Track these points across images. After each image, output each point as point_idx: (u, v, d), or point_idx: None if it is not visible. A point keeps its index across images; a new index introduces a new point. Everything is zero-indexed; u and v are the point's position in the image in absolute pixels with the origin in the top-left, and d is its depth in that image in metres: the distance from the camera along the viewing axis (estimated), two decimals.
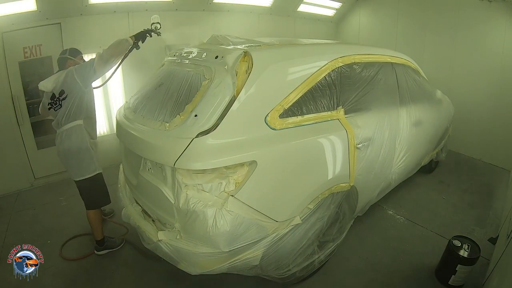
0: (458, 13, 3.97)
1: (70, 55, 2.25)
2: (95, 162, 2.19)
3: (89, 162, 2.15)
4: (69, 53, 2.25)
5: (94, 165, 2.18)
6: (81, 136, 2.12)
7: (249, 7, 4.45)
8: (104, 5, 3.41)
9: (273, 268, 1.75)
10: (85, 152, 2.13)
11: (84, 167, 2.15)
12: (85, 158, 2.14)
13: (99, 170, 2.22)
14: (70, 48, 2.29)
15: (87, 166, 2.15)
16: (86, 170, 2.15)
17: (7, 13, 2.89)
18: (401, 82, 2.50)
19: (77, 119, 2.11)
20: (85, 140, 2.13)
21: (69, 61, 2.23)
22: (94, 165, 2.18)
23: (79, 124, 2.13)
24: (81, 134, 2.13)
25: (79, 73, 2.06)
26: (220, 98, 1.49)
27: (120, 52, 2.15)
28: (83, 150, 2.13)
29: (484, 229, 2.60)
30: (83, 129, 2.15)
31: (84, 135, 2.14)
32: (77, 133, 2.11)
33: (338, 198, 1.93)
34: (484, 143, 3.98)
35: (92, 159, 2.17)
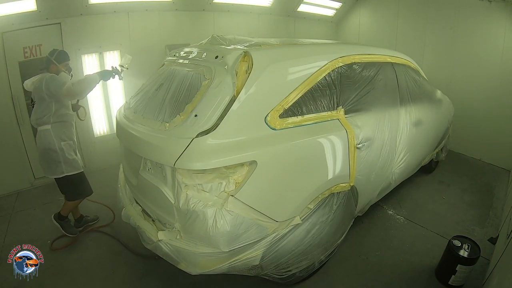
0: (458, 13, 3.97)
1: (56, 59, 2.26)
2: (62, 165, 2.25)
3: (56, 164, 2.24)
4: (55, 57, 2.26)
5: (61, 168, 2.26)
6: (50, 140, 2.21)
7: (249, 7, 4.45)
8: (104, 5, 3.41)
9: (273, 268, 1.75)
10: (53, 154, 2.22)
11: (53, 168, 2.26)
12: (52, 160, 2.24)
13: (68, 171, 2.28)
14: (58, 51, 2.29)
15: (55, 168, 2.25)
16: (54, 171, 2.26)
17: (7, 13, 2.89)
18: (401, 82, 2.50)
19: (45, 124, 2.21)
20: (53, 143, 2.21)
21: (52, 65, 2.26)
22: (62, 167, 2.26)
23: (46, 129, 2.21)
24: (49, 138, 2.21)
25: (48, 85, 2.12)
26: (220, 98, 1.49)
27: (88, 89, 2.22)
28: (51, 152, 2.22)
29: (484, 229, 2.60)
30: (50, 133, 2.22)
31: (52, 139, 2.22)
32: (45, 137, 2.21)
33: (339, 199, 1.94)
34: (484, 143, 3.98)
35: (60, 162, 2.24)
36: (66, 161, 2.28)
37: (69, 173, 2.30)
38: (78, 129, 3.57)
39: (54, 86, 2.12)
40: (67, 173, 2.29)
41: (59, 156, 2.25)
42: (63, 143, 2.28)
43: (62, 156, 2.26)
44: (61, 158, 2.26)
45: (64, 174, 2.28)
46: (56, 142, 2.23)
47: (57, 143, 2.24)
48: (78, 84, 2.15)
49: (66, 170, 2.28)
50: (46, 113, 2.20)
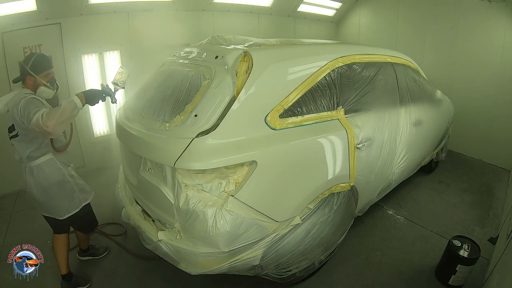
0: (458, 13, 3.97)
1: (32, 68, 1.66)
2: (78, 195, 1.86)
3: (72, 196, 1.83)
4: (31, 66, 1.66)
5: (78, 198, 1.86)
6: (56, 170, 1.76)
7: (249, 7, 4.45)
8: (104, 5, 3.40)
9: (273, 268, 1.75)
10: (65, 186, 1.80)
11: (67, 203, 1.82)
12: (67, 193, 1.81)
13: (85, 200, 1.92)
14: (36, 57, 1.69)
15: (70, 201, 1.83)
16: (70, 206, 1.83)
17: (7, 13, 2.89)
18: (401, 82, 2.50)
19: (44, 154, 1.72)
20: (62, 173, 1.78)
21: (28, 77, 1.68)
22: (79, 198, 1.87)
23: (49, 159, 1.74)
24: (55, 168, 1.76)
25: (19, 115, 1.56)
26: (220, 98, 1.49)
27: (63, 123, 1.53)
28: (62, 185, 1.79)
29: (484, 229, 2.60)
30: (55, 162, 1.76)
31: (59, 168, 1.78)
32: (51, 168, 1.74)
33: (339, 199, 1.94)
34: (484, 143, 3.98)
35: (75, 192, 1.85)
36: (81, 188, 1.89)
37: (87, 201, 1.92)
38: (78, 129, 3.59)
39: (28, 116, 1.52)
40: (85, 202, 1.90)
41: (73, 185, 1.84)
42: (70, 168, 1.87)
43: (75, 183, 1.86)
44: (75, 186, 1.85)
45: (83, 204, 1.89)
46: (65, 169, 1.81)
47: (66, 171, 1.81)
48: (50, 115, 1.47)
49: (83, 198, 1.89)
50: (40, 143, 1.69)
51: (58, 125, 1.48)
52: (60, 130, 1.54)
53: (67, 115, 1.52)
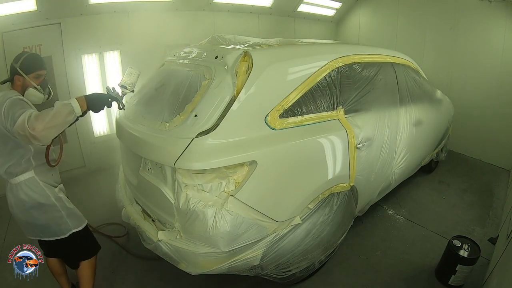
0: (458, 13, 3.97)
1: (22, 68, 1.49)
2: (66, 220, 1.58)
3: (58, 221, 1.57)
4: (21, 64, 1.49)
5: (66, 224, 1.58)
6: (39, 191, 1.50)
7: (249, 7, 4.45)
8: (104, 5, 3.40)
9: (273, 268, 1.75)
10: (49, 209, 1.54)
11: (53, 228, 1.57)
12: (52, 217, 1.55)
13: (76, 227, 1.62)
14: (27, 56, 1.52)
15: (57, 227, 1.57)
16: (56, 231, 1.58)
17: (7, 13, 2.89)
18: (401, 82, 2.50)
19: (25, 171, 1.47)
20: (45, 194, 1.52)
21: (17, 77, 1.49)
22: (66, 223, 1.58)
23: (29, 178, 1.49)
24: (37, 189, 1.50)
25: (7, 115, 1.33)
26: (220, 98, 1.49)
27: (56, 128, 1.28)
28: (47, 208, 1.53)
29: (484, 229, 2.60)
30: (37, 182, 1.50)
31: (42, 189, 1.51)
32: (32, 189, 1.49)
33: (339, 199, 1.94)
34: (484, 143, 3.98)
35: (62, 217, 1.56)
36: (70, 213, 1.60)
37: (77, 228, 1.62)
38: (78, 129, 3.59)
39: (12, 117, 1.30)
40: (74, 228, 1.61)
41: (59, 209, 1.56)
42: (58, 189, 1.60)
43: (62, 207, 1.57)
44: (62, 210, 1.57)
45: (72, 231, 1.60)
46: (49, 191, 1.53)
47: (51, 193, 1.54)
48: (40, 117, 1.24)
49: (72, 224, 1.60)
50: (21, 156, 1.44)
51: (47, 130, 1.23)
52: (50, 136, 1.27)
53: (60, 120, 1.27)
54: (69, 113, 1.31)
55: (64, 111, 1.29)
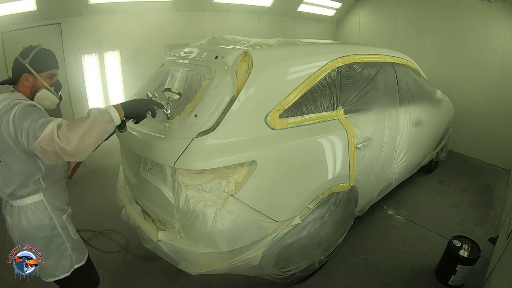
0: (458, 13, 3.97)
1: (33, 65, 1.24)
2: (70, 254, 1.36)
3: (61, 255, 1.34)
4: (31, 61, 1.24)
5: (69, 259, 1.36)
6: (45, 218, 1.28)
7: (249, 7, 4.45)
8: (104, 5, 3.41)
9: (273, 268, 1.74)
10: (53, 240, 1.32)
11: (55, 263, 1.35)
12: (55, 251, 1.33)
13: (79, 262, 1.40)
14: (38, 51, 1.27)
15: (59, 261, 1.35)
16: (58, 267, 1.35)
17: (7, 13, 2.89)
18: (401, 82, 2.50)
19: (32, 194, 1.24)
20: (52, 224, 1.30)
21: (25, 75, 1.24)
22: (70, 259, 1.36)
23: (37, 202, 1.26)
24: (44, 215, 1.27)
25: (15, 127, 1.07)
26: (220, 98, 1.49)
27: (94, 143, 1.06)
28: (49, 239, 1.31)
29: (484, 229, 2.60)
30: (45, 207, 1.28)
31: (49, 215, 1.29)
32: (37, 215, 1.26)
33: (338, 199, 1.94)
34: (484, 143, 3.98)
35: (66, 250, 1.35)
36: (74, 246, 1.39)
37: (80, 263, 1.40)
38: None
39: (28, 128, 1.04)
40: (77, 264, 1.39)
41: (64, 241, 1.34)
42: (65, 216, 1.37)
43: (67, 238, 1.35)
44: (68, 242, 1.35)
45: (75, 266, 1.38)
46: (56, 219, 1.31)
47: (58, 221, 1.32)
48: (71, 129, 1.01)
49: (76, 259, 1.39)
50: (29, 177, 1.20)
51: (84, 143, 1.01)
52: (87, 151, 1.05)
53: (99, 131, 1.05)
54: (108, 121, 1.09)
55: (102, 120, 1.06)
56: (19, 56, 1.26)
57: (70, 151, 1.00)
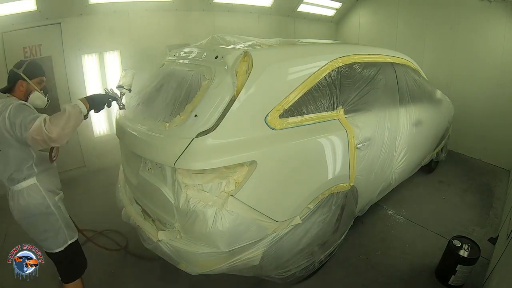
0: (458, 13, 3.97)
1: (26, 73, 1.51)
2: (64, 230, 1.58)
3: (56, 231, 1.56)
4: (25, 70, 1.51)
5: (63, 235, 1.58)
6: (39, 198, 1.50)
7: (249, 7, 4.45)
8: (104, 5, 3.41)
9: (273, 268, 1.75)
10: (48, 218, 1.54)
11: (51, 239, 1.57)
12: (51, 226, 1.55)
13: (72, 238, 1.63)
14: (29, 62, 1.56)
15: (55, 237, 1.57)
16: (53, 242, 1.57)
17: (7, 13, 2.89)
18: (401, 82, 2.50)
19: (27, 178, 1.48)
20: (45, 203, 1.51)
21: (20, 82, 1.50)
22: (64, 234, 1.58)
23: (31, 185, 1.49)
24: (38, 196, 1.50)
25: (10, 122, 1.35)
26: (220, 98, 1.49)
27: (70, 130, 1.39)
28: (45, 217, 1.53)
29: (484, 229, 2.60)
30: (38, 189, 1.50)
31: (42, 196, 1.51)
32: (33, 196, 1.49)
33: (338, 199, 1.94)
34: (484, 143, 3.98)
35: (60, 227, 1.57)
36: (67, 223, 1.61)
37: (72, 239, 1.63)
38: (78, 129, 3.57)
39: (21, 122, 1.32)
40: (71, 240, 1.61)
41: (58, 219, 1.56)
42: (57, 198, 1.60)
43: (61, 217, 1.58)
44: (61, 220, 1.57)
45: (68, 242, 1.60)
46: (50, 199, 1.53)
47: (51, 201, 1.54)
48: (55, 120, 1.34)
49: (69, 236, 1.61)
50: (24, 163, 1.46)
51: (64, 132, 1.35)
52: (67, 137, 1.37)
53: (74, 122, 1.39)
54: (80, 113, 1.45)
55: (75, 113, 1.42)
56: (14, 68, 1.54)
57: (54, 138, 1.32)
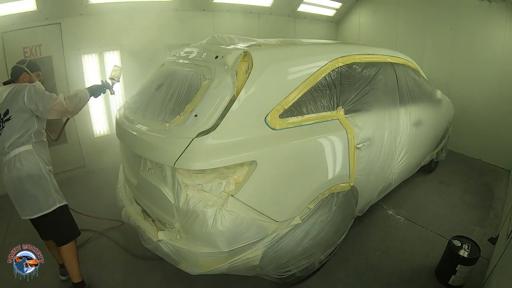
0: (458, 13, 3.97)
1: (29, 67, 1.93)
2: (53, 194, 1.80)
3: (47, 193, 1.78)
4: (27, 65, 1.93)
5: (53, 197, 1.79)
6: (33, 162, 1.75)
7: (249, 7, 4.45)
8: (104, 5, 3.41)
9: (273, 268, 1.75)
10: (40, 180, 1.76)
11: (42, 200, 1.76)
12: (42, 188, 1.77)
13: (60, 202, 1.83)
14: (30, 60, 1.99)
15: (45, 199, 1.77)
16: (44, 204, 1.77)
17: (7, 13, 2.89)
18: (401, 82, 2.50)
19: (25, 144, 1.75)
20: (38, 167, 1.76)
21: (24, 74, 1.91)
22: (53, 197, 1.80)
23: (28, 150, 1.75)
24: (33, 160, 1.75)
25: (33, 97, 1.75)
26: (220, 98, 1.49)
27: (81, 106, 1.95)
28: (37, 179, 1.76)
29: (484, 229, 2.60)
30: (34, 154, 1.77)
31: (36, 161, 1.77)
32: (28, 159, 1.74)
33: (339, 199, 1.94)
34: (484, 143, 3.98)
35: (50, 190, 1.79)
36: (55, 189, 1.83)
37: (61, 203, 1.84)
38: (78, 129, 3.59)
39: (42, 99, 1.76)
40: (60, 203, 1.82)
41: (49, 183, 1.79)
42: (48, 168, 1.85)
43: (51, 182, 1.81)
44: (51, 185, 1.80)
45: (58, 205, 1.81)
46: (42, 165, 1.79)
47: (43, 167, 1.79)
48: (71, 99, 1.86)
49: (58, 199, 1.82)
50: (27, 130, 1.76)
51: (77, 107, 1.90)
52: (78, 111, 1.94)
53: (83, 102, 1.95)
54: (87, 96, 1.99)
55: (85, 96, 1.97)
56: (18, 64, 1.95)
57: (71, 111, 1.87)
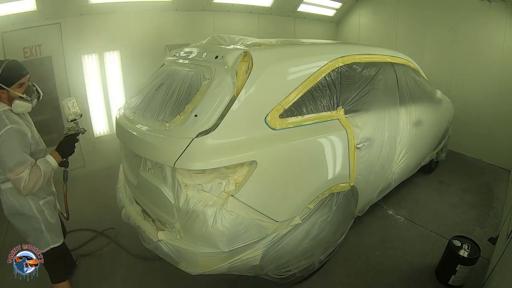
0: (458, 13, 3.97)
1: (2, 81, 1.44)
2: (46, 235, 1.63)
3: (38, 233, 1.62)
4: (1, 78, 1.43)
5: (45, 239, 1.63)
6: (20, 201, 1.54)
7: (249, 7, 4.45)
8: (104, 5, 3.41)
9: (273, 268, 1.74)
10: (30, 220, 1.59)
11: (33, 239, 1.63)
12: (32, 228, 1.60)
13: (54, 243, 1.68)
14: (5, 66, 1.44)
15: (37, 239, 1.63)
16: (35, 243, 1.64)
17: (7, 13, 2.89)
18: (401, 82, 2.50)
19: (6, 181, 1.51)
20: (28, 206, 1.56)
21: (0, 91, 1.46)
22: (46, 238, 1.63)
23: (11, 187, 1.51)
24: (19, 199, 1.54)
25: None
26: (220, 98, 1.49)
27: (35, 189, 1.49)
28: (27, 218, 1.58)
29: (484, 229, 2.60)
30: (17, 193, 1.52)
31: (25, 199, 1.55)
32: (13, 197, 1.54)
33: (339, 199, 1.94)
34: (484, 143, 3.98)
35: (42, 231, 1.61)
36: (50, 228, 1.66)
37: (55, 244, 1.69)
38: None
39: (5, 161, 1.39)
40: (54, 244, 1.67)
41: (40, 223, 1.60)
42: (43, 202, 1.62)
43: (44, 221, 1.61)
44: (43, 225, 1.61)
45: (50, 246, 1.66)
46: (33, 202, 1.57)
47: (34, 204, 1.58)
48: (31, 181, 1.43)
49: (52, 240, 1.66)
50: None
51: (34, 188, 1.47)
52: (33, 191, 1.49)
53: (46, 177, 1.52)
54: (51, 170, 1.56)
55: (48, 171, 1.53)
56: None
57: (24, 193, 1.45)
